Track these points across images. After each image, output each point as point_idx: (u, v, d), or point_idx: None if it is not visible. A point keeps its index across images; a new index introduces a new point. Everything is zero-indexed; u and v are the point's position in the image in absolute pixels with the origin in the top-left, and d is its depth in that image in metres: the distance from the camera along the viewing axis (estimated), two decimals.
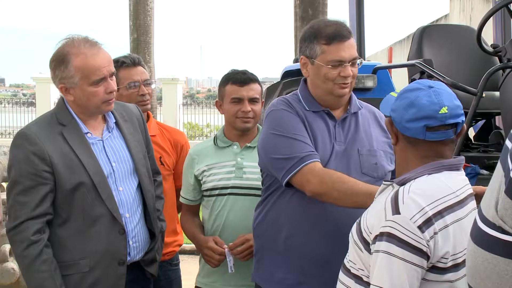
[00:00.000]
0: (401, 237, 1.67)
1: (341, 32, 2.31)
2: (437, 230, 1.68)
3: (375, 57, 14.82)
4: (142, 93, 3.02)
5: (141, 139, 2.55)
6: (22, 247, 2.22)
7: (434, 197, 1.72)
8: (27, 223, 2.22)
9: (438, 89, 1.79)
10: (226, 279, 2.77)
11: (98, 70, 2.29)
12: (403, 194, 1.73)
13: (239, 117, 2.74)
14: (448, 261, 1.70)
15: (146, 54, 10.29)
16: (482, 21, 3.38)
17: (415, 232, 1.66)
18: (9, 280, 3.82)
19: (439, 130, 1.76)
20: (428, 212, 1.69)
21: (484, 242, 1.35)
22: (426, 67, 3.44)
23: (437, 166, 1.79)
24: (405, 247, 1.66)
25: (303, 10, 8.89)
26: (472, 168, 3.29)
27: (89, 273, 2.30)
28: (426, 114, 1.75)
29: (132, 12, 10.67)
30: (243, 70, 2.81)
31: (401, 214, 1.69)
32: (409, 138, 1.81)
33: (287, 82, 4.66)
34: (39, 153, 2.23)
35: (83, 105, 2.34)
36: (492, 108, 3.61)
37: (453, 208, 1.73)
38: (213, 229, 2.80)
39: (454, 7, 10.60)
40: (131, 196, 2.41)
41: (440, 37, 4.04)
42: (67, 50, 2.31)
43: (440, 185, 1.76)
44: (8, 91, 68.05)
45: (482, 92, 3.18)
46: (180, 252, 3.43)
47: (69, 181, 2.26)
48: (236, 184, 2.74)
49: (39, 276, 2.22)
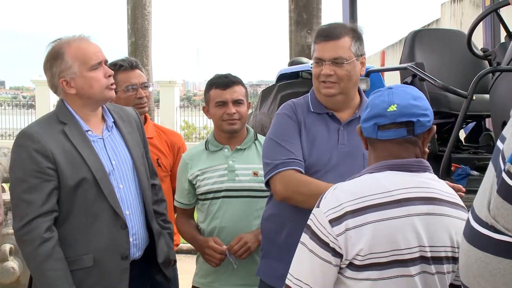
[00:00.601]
0: (313, 230, 1.70)
1: (327, 32, 2.37)
2: (350, 227, 1.65)
3: (368, 60, 14.78)
4: (139, 96, 3.06)
5: (139, 139, 2.57)
6: (34, 245, 2.20)
7: (358, 195, 1.69)
8: (36, 221, 2.21)
9: (395, 90, 1.77)
10: (224, 279, 2.79)
11: (93, 54, 2.35)
12: (330, 190, 1.75)
13: (225, 120, 2.77)
14: (364, 258, 1.65)
15: (144, 57, 10.34)
16: (472, 26, 3.43)
17: (325, 226, 1.67)
18: (9, 279, 3.84)
19: (390, 128, 1.74)
20: (345, 208, 1.67)
21: (476, 240, 1.35)
22: (418, 71, 3.48)
23: (379, 166, 1.76)
24: (315, 240, 1.69)
25: (298, 15, 8.95)
26: (463, 169, 3.33)
27: (93, 268, 2.30)
28: (375, 112, 1.75)
29: (130, 16, 10.73)
30: (225, 74, 2.85)
31: (319, 208, 1.72)
32: (368, 139, 1.81)
33: (282, 85, 4.72)
34: (42, 151, 2.24)
35: (87, 95, 2.35)
36: (482, 111, 3.64)
37: (380, 207, 1.67)
38: (209, 232, 2.82)
39: (445, 12, 10.65)
40: (131, 194, 2.44)
41: (431, 41, 4.08)
42: (59, 46, 2.36)
43: (372, 184, 1.73)
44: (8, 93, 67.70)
45: (472, 95, 3.22)
46: (177, 251, 3.46)
47: (71, 178, 2.27)
48: (229, 187, 2.77)
49: (52, 274, 2.21)
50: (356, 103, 2.45)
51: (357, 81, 2.43)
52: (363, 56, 2.41)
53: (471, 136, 4.15)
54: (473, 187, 3.04)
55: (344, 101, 2.42)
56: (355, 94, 2.46)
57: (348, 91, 2.41)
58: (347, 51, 2.35)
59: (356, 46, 2.37)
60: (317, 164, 2.34)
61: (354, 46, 2.37)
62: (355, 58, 2.36)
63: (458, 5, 9.86)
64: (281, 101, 4.60)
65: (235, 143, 2.84)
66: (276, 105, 4.63)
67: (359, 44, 2.39)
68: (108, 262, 2.33)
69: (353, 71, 2.37)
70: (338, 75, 2.35)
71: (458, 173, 3.31)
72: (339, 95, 2.39)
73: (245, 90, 2.85)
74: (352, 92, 2.43)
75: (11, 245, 3.87)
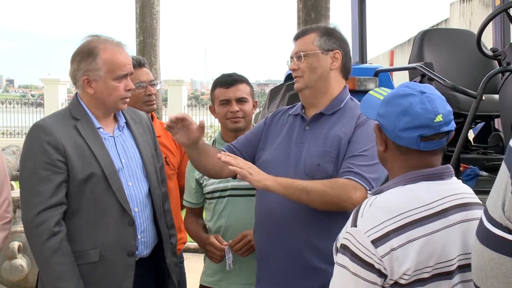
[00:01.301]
0: (354, 251, 1.60)
1: (297, 34, 2.45)
2: (395, 246, 1.57)
3: (377, 60, 14.84)
4: (149, 93, 3.10)
5: (150, 141, 2.60)
6: (42, 239, 2.23)
7: (398, 211, 1.61)
8: (45, 213, 2.24)
9: (431, 95, 1.68)
10: (230, 278, 2.79)
11: (123, 66, 2.39)
12: (365, 206, 1.66)
13: (228, 118, 2.80)
14: (410, 277, 1.59)
15: (152, 56, 10.37)
16: (482, 26, 3.41)
17: (368, 247, 1.58)
18: (17, 276, 3.87)
19: (433, 139, 1.66)
20: (387, 227, 1.59)
21: (490, 242, 1.35)
22: (426, 70, 3.47)
23: (413, 176, 1.68)
24: (357, 262, 1.60)
25: (306, 14, 8.94)
26: (472, 169, 3.32)
27: (99, 263, 2.32)
28: (421, 123, 1.64)
29: (138, 15, 10.76)
30: (230, 73, 2.88)
31: (357, 227, 1.62)
32: (400, 147, 1.69)
33: (290, 84, 4.71)
34: (53, 143, 2.28)
35: (102, 100, 2.40)
36: (492, 111, 3.63)
37: (421, 222, 1.61)
38: (215, 230, 2.83)
39: (454, 12, 10.61)
40: (141, 192, 2.45)
41: (440, 41, 4.06)
42: (95, 45, 2.39)
43: (410, 198, 1.65)
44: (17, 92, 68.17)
45: (481, 95, 3.22)
46: (184, 250, 3.48)
47: (81, 172, 2.30)
48: (234, 185, 2.77)
49: (59, 268, 2.23)
50: (328, 100, 2.41)
51: (325, 75, 2.38)
52: (334, 51, 2.38)
53: (480, 137, 4.14)
54: (482, 187, 3.04)
55: (312, 97, 2.41)
56: (330, 90, 2.41)
57: (315, 85, 2.39)
58: (308, 45, 2.38)
59: (321, 40, 2.38)
60: (271, 161, 2.41)
61: (319, 41, 2.38)
62: (320, 51, 2.36)
63: (467, 5, 9.82)
64: (289, 100, 4.60)
65: None
66: (284, 104, 4.63)
67: (327, 40, 2.38)
68: (114, 258, 2.35)
69: (316, 64, 2.37)
70: (301, 69, 2.39)
71: (467, 174, 3.30)
72: (306, 89, 2.40)
73: (250, 89, 2.86)
74: (322, 87, 2.39)
75: (20, 242, 3.89)
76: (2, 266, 3.86)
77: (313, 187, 2.20)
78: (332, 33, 2.42)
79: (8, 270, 3.87)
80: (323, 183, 2.22)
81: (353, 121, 2.32)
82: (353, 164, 2.22)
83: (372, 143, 1.92)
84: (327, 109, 2.38)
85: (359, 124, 2.30)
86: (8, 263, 3.86)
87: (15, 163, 4.79)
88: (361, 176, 2.19)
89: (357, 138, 2.28)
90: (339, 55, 2.39)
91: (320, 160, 2.29)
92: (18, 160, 6.36)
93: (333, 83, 2.41)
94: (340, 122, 2.35)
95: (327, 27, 2.46)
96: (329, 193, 2.19)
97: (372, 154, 2.13)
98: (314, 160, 2.30)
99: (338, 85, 2.43)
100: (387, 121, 1.70)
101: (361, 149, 2.24)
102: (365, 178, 2.19)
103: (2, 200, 2.51)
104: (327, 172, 2.28)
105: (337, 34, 2.43)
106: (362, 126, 2.29)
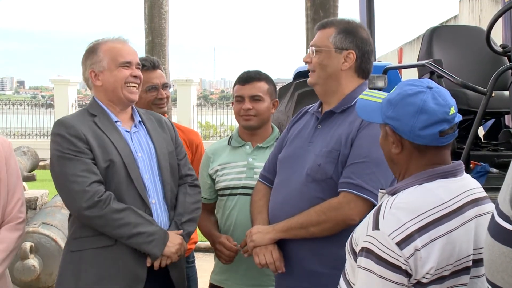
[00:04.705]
0: (379, 254, 1.59)
1: (319, 24, 2.43)
2: (419, 247, 1.58)
3: (386, 57, 14.81)
4: (160, 97, 3.10)
5: (168, 138, 2.64)
6: (101, 209, 2.32)
7: (418, 211, 1.61)
8: (92, 185, 2.33)
9: (438, 89, 1.69)
10: (237, 278, 2.80)
11: (124, 53, 2.52)
12: (385, 208, 1.65)
13: (241, 115, 2.80)
14: (432, 276, 1.60)
15: (161, 56, 10.42)
16: (491, 22, 3.40)
17: (394, 249, 1.58)
18: (29, 277, 3.91)
19: (449, 132, 1.67)
20: (410, 228, 1.59)
21: (501, 235, 1.35)
22: (436, 67, 3.47)
23: (429, 175, 1.68)
24: (383, 265, 1.58)
25: (315, 12, 8.96)
26: (482, 166, 3.32)
27: (114, 247, 2.39)
28: (438, 118, 1.64)
29: (147, 15, 10.80)
30: (250, 70, 2.86)
31: (380, 230, 1.61)
32: (419, 146, 1.69)
33: (299, 83, 4.72)
34: (75, 134, 2.39)
35: (111, 89, 2.50)
36: (502, 108, 3.62)
37: (441, 221, 1.62)
38: (225, 228, 2.83)
39: (464, 8, 10.57)
40: (156, 185, 2.51)
41: (449, 38, 4.06)
42: (97, 43, 2.56)
43: (429, 197, 1.65)
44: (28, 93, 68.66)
45: (491, 91, 3.21)
46: (195, 250, 3.49)
47: (103, 160, 2.39)
48: (246, 184, 2.77)
49: (131, 220, 2.36)
50: (339, 98, 2.35)
51: (336, 74, 2.33)
52: (348, 51, 2.31)
53: (490, 133, 4.13)
54: (493, 184, 3.03)
55: (324, 94, 2.39)
56: (340, 89, 2.35)
57: (324, 82, 2.35)
58: (324, 41, 2.33)
59: (337, 38, 2.32)
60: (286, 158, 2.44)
61: (335, 38, 2.32)
62: (333, 49, 2.31)
63: (477, 1, 9.77)
64: (298, 99, 4.60)
65: (257, 140, 2.85)
66: (293, 103, 4.64)
67: (344, 38, 2.31)
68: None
69: (326, 62, 2.32)
70: (313, 63, 2.36)
71: (477, 171, 3.30)
72: (317, 86, 2.38)
73: (268, 87, 2.82)
74: (332, 85, 2.34)
75: (32, 243, 3.92)
76: (15, 267, 3.89)
77: (308, 221, 2.23)
78: (351, 31, 2.33)
79: (21, 270, 3.90)
80: (315, 211, 2.23)
81: (358, 120, 2.23)
82: (354, 173, 2.19)
83: (376, 146, 1.89)
84: (337, 107, 2.35)
85: (363, 125, 2.24)
86: (21, 263, 3.89)
87: (26, 163, 4.83)
88: (361, 187, 2.17)
89: (361, 142, 2.23)
90: (353, 55, 2.31)
91: (322, 160, 2.27)
92: (29, 161, 6.43)
93: (345, 83, 2.34)
94: (346, 121, 2.30)
95: (349, 23, 2.36)
96: (325, 221, 2.20)
97: (375, 159, 2.13)
98: (317, 160, 2.28)
99: (352, 84, 2.35)
100: (402, 123, 1.68)
101: (364, 154, 2.21)
102: (365, 189, 2.16)
103: (16, 201, 2.54)
104: (327, 173, 2.26)
105: (357, 32, 2.34)
106: (366, 129, 2.23)
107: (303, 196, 2.29)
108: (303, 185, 2.29)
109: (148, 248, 2.38)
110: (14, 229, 2.52)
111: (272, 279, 2.62)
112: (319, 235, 2.23)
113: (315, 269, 2.27)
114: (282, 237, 2.31)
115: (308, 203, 2.26)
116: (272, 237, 2.33)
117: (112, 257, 2.39)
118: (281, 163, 2.45)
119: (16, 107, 19.34)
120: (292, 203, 2.30)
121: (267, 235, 2.34)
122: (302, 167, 2.33)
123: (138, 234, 2.36)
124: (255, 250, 2.36)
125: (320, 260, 2.25)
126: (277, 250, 2.36)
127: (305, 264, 2.30)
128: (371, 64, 2.41)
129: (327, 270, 2.22)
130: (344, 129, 2.28)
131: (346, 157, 2.24)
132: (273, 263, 2.33)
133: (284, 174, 2.41)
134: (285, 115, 4.68)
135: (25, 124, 18.95)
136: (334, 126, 2.33)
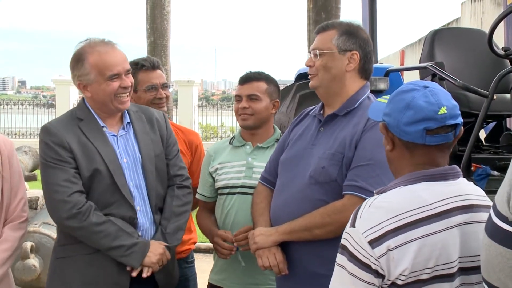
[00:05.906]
0: (352, 251, 1.60)
1: (318, 27, 2.43)
2: (392, 247, 1.57)
3: (387, 60, 14.81)
4: (160, 97, 3.09)
5: (157, 139, 2.61)
6: (80, 220, 2.33)
7: (396, 211, 1.60)
8: (73, 196, 2.34)
9: (434, 89, 1.68)
10: (235, 277, 2.80)
11: (112, 66, 2.43)
12: (364, 207, 1.65)
13: (239, 114, 2.82)
14: (407, 278, 1.58)
15: (162, 56, 10.43)
16: (493, 25, 3.40)
17: (365, 248, 1.58)
18: (30, 276, 3.89)
19: (439, 133, 1.65)
20: (384, 228, 1.58)
21: (497, 235, 1.36)
22: (437, 70, 3.47)
23: (416, 177, 1.67)
24: (354, 262, 1.60)
25: (316, 14, 8.96)
26: (483, 169, 3.31)
27: (97, 254, 2.40)
28: (425, 115, 1.63)
29: (149, 16, 10.83)
30: (252, 71, 2.87)
31: (356, 228, 1.61)
32: (408, 144, 1.68)
33: (300, 84, 4.73)
34: (59, 142, 2.39)
35: (100, 101, 2.46)
36: (503, 110, 3.62)
37: (421, 223, 1.59)
38: (224, 227, 2.83)
39: (466, 11, 10.58)
40: (141, 192, 2.50)
41: (451, 40, 4.06)
42: (83, 50, 2.46)
43: (410, 198, 1.63)
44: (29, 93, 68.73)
45: (493, 94, 3.21)
46: (194, 250, 3.49)
47: (87, 169, 2.38)
48: (245, 183, 2.77)
49: (110, 231, 2.37)
50: (342, 101, 2.35)
51: (340, 76, 2.33)
52: (352, 52, 2.31)
53: (492, 136, 4.13)
54: (494, 187, 3.03)
55: (327, 97, 2.39)
56: (344, 91, 2.35)
57: (328, 85, 2.35)
58: (326, 43, 2.33)
59: (340, 39, 2.32)
60: (289, 161, 2.44)
61: (338, 40, 2.32)
62: (337, 51, 2.31)
63: (479, 4, 9.77)
64: (299, 101, 4.61)
65: (257, 140, 2.85)
66: (295, 105, 4.64)
67: (347, 39, 2.32)
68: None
69: (331, 64, 2.32)
70: (316, 66, 2.35)
71: (478, 173, 3.30)
72: (320, 88, 2.38)
73: (266, 87, 2.82)
74: (336, 87, 2.34)
75: (32, 243, 3.91)
76: (15, 266, 3.88)
77: (312, 223, 2.23)
78: (353, 32, 2.34)
79: (21, 270, 3.89)
80: (320, 213, 2.23)
81: (362, 122, 2.26)
82: (358, 176, 2.20)
83: (380, 148, 1.90)
84: (340, 110, 2.35)
85: (367, 128, 2.24)
86: (21, 263, 3.89)
87: (27, 163, 4.83)
88: (365, 190, 2.16)
89: (365, 144, 2.23)
90: (357, 56, 2.32)
91: (326, 162, 2.27)
92: (31, 161, 6.42)
93: (348, 84, 2.34)
94: (350, 123, 2.30)
95: (349, 25, 2.37)
96: (329, 223, 2.20)
97: (379, 162, 2.12)
98: (321, 163, 2.28)
99: (355, 85, 2.36)
100: (391, 118, 1.70)
101: (368, 156, 2.21)
102: (370, 191, 2.13)
103: (18, 200, 2.55)
104: (331, 176, 2.26)
105: (359, 33, 2.35)
106: (370, 131, 2.23)
107: (305, 198, 2.29)
108: (306, 187, 2.29)
109: (126, 260, 2.39)
110: (17, 228, 2.53)
111: (269, 278, 2.64)
112: (323, 237, 2.23)
113: (318, 271, 2.27)
114: (285, 239, 2.31)
115: (310, 205, 2.26)
116: (275, 239, 2.33)
117: (96, 264, 2.40)
118: (283, 165, 2.45)
119: (17, 107, 19.37)
120: (295, 205, 2.31)
121: (270, 237, 2.34)
122: (304, 170, 2.33)
123: (117, 248, 2.37)
124: (258, 252, 2.36)
125: (323, 262, 2.24)
126: (281, 252, 2.35)
127: (308, 266, 2.30)
128: (372, 64, 2.43)
129: (329, 272, 2.22)
130: (348, 131, 2.28)
131: (351, 160, 2.23)
132: (276, 266, 2.32)
133: (286, 176, 2.41)
134: (287, 116, 4.69)
135: (26, 124, 18.98)
136: (337, 129, 2.33)
